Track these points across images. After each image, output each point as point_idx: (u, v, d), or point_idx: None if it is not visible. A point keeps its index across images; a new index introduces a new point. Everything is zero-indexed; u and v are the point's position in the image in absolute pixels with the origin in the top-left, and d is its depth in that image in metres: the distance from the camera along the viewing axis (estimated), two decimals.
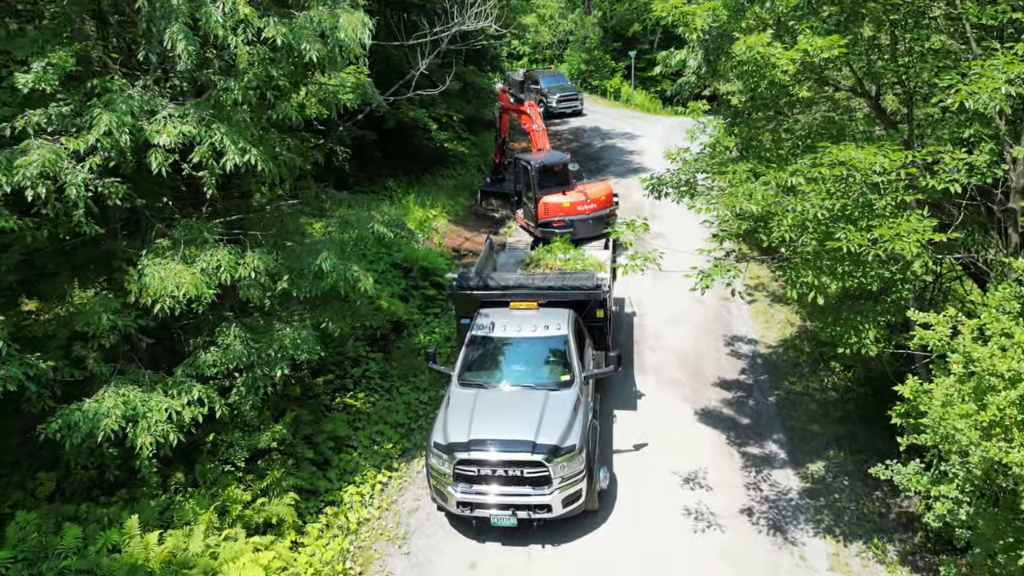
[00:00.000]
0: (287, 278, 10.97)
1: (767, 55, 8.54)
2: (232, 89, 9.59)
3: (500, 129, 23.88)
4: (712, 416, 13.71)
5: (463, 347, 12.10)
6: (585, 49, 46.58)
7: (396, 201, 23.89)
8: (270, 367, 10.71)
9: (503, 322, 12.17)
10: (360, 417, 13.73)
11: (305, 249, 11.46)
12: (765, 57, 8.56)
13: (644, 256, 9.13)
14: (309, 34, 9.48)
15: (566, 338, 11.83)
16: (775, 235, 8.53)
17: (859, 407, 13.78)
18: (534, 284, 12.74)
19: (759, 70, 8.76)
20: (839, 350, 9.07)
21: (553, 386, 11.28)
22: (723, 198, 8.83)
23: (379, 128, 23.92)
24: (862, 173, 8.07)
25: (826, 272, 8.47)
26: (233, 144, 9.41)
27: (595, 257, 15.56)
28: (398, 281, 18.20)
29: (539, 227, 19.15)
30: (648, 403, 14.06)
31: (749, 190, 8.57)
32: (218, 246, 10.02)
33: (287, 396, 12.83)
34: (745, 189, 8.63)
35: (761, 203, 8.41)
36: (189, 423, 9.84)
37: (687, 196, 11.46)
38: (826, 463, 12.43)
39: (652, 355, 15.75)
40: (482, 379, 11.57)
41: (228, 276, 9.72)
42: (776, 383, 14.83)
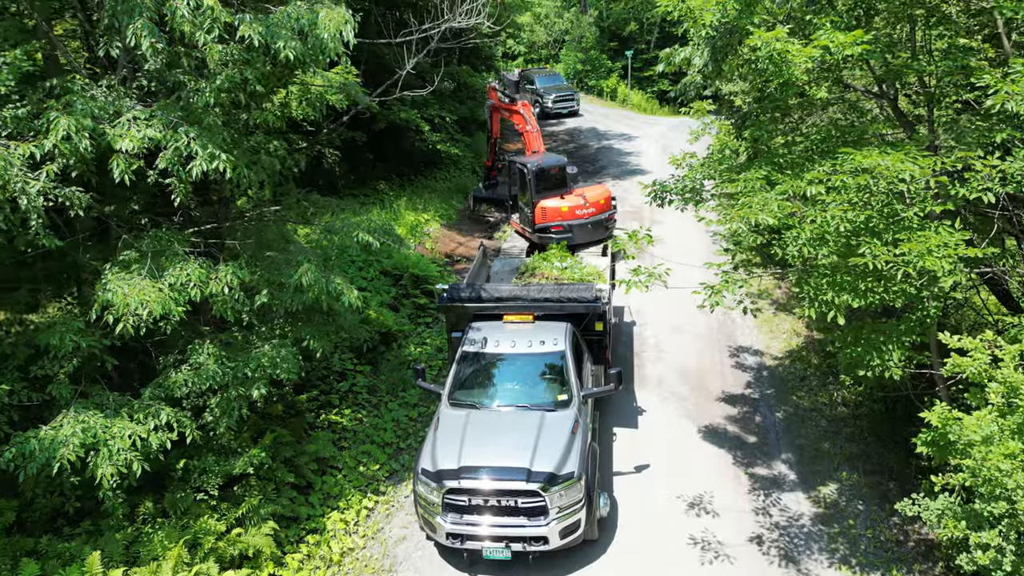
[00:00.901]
0: (266, 292, 10.26)
1: (784, 52, 7.84)
2: (203, 91, 8.89)
3: (491, 128, 23.05)
4: (717, 434, 13.01)
5: (453, 364, 11.37)
6: (581, 49, 45.89)
7: (387, 205, 23.18)
8: (246, 388, 10.00)
9: (496, 337, 11.45)
10: (346, 436, 13.02)
11: (285, 260, 10.76)
12: (782, 54, 7.86)
13: (649, 272, 8.42)
14: (286, 32, 8.77)
15: (563, 354, 11.12)
16: (791, 249, 7.83)
17: (872, 424, 13.10)
18: (529, 296, 12.01)
19: (775, 69, 8.05)
20: (860, 373, 8.38)
21: (549, 406, 10.57)
22: (736, 210, 8.12)
23: (370, 130, 23.23)
24: (888, 181, 7.37)
25: (846, 289, 7.77)
26: (202, 149, 8.69)
27: (593, 266, 14.86)
28: (388, 289, 17.47)
29: (536, 233, 18.45)
30: (650, 420, 13.36)
31: (764, 200, 7.87)
32: (189, 259, 9.30)
33: (267, 415, 12.10)
34: (760, 199, 7.93)
35: (777, 215, 7.70)
36: (157, 450, 9.11)
37: (692, 203, 10.79)
38: (839, 485, 11.73)
39: (653, 368, 15.05)
40: (473, 399, 10.85)
41: (198, 292, 9.01)
42: (783, 398, 14.14)
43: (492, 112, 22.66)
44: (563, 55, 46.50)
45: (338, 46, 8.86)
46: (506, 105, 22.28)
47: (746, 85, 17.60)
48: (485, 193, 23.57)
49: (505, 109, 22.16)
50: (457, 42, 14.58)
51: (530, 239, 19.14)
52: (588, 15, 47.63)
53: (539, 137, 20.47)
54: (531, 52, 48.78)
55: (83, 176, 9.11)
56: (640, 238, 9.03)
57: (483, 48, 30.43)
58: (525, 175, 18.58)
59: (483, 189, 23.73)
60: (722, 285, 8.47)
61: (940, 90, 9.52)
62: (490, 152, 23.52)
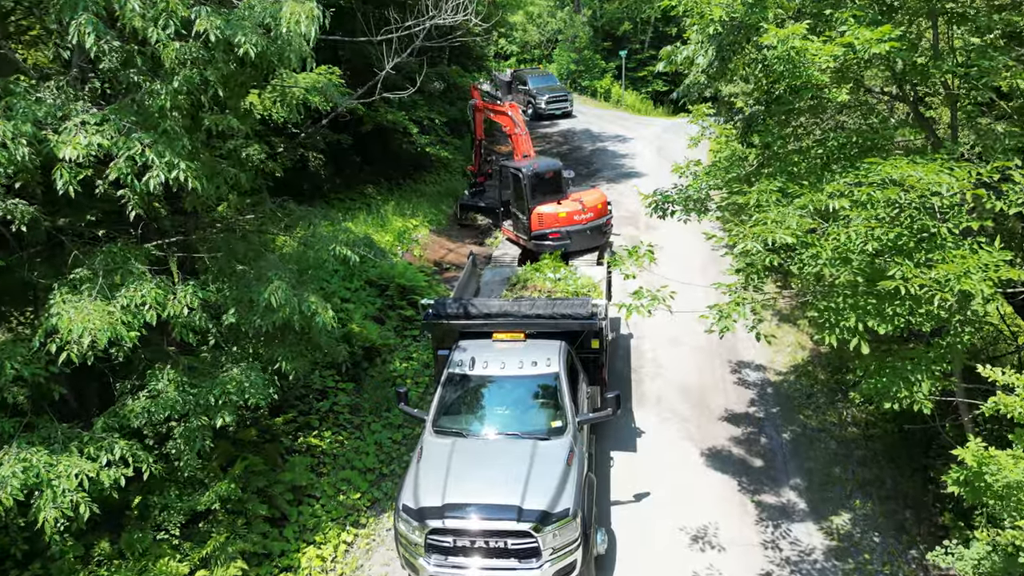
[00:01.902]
0: (233, 311, 9.43)
1: (802, 50, 7.06)
2: (159, 93, 8.05)
3: (474, 130, 22.10)
4: (721, 458, 12.23)
5: (438, 387, 10.54)
6: (574, 49, 45.11)
7: (374, 210, 22.33)
8: (210, 416, 9.17)
9: (484, 357, 10.62)
10: (325, 460, 12.18)
11: (256, 276, 9.91)
12: (800, 53, 7.07)
13: (652, 295, 7.63)
14: (248, 28, 7.94)
15: (557, 376, 10.31)
16: (809, 270, 7.04)
17: (885, 447, 12.34)
18: (520, 312, 11.19)
19: (791, 69, 7.26)
20: (886, 405, 7.60)
21: (542, 434, 9.76)
22: (749, 226, 7.32)
23: (356, 132, 22.40)
24: (919, 194, 6.60)
25: (871, 313, 6.98)
26: (158, 157, 7.86)
27: (588, 277, 14.05)
28: (373, 300, 16.63)
29: (532, 240, 17.69)
30: (649, 443, 12.57)
31: (781, 215, 7.08)
32: (145, 277, 8.46)
33: (239, 441, 11.26)
34: (776, 214, 7.14)
35: (796, 232, 6.91)
36: (109, 487, 8.28)
37: (695, 213, 10.02)
38: (852, 515, 10.96)
39: (652, 384, 14.26)
40: (460, 426, 10.03)
41: (154, 315, 8.17)
42: (789, 417, 13.36)
43: (475, 113, 21.76)
44: (556, 55, 45.75)
45: (302, 45, 8.04)
46: (492, 106, 21.37)
47: (747, 86, 16.85)
48: (472, 200, 22.54)
49: (491, 110, 21.27)
50: (444, 40, 13.74)
51: (525, 247, 18.34)
52: (581, 14, 46.86)
53: (528, 140, 19.67)
54: (524, 52, 48.00)
55: (28, 186, 8.31)
56: (641, 255, 8.23)
57: (474, 48, 29.63)
58: (520, 180, 17.80)
59: (470, 196, 22.70)
60: (731, 307, 7.67)
61: (964, 92, 8.74)
62: (476, 156, 22.59)
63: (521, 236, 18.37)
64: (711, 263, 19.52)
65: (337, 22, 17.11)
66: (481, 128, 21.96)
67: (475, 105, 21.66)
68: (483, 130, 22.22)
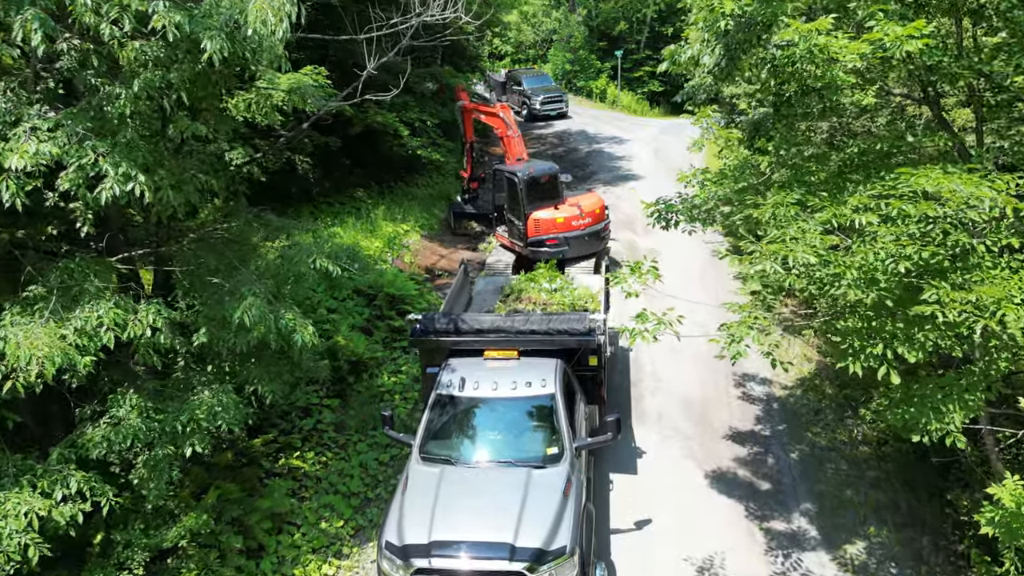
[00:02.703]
0: (204, 330, 8.74)
1: (826, 48, 6.40)
2: (119, 98, 7.36)
3: (464, 133, 21.24)
4: (726, 480, 11.57)
5: (426, 410, 9.86)
6: (570, 49, 44.44)
7: (364, 214, 21.62)
8: (178, 445, 8.48)
9: (475, 377, 9.94)
10: (307, 484, 11.48)
11: (230, 291, 9.20)
12: (824, 50, 6.42)
13: (658, 319, 6.97)
14: (215, 26, 7.24)
15: (553, 398, 9.63)
16: (832, 292, 6.39)
17: (899, 467, 11.69)
18: (514, 328, 10.51)
19: (814, 68, 6.60)
20: (914, 438, 6.95)
21: (537, 462, 9.08)
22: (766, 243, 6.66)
23: (345, 134, 21.70)
24: (955, 208, 5.95)
25: (900, 339, 6.33)
26: (113, 168, 7.17)
27: (586, 287, 13.39)
28: (360, 310, 15.92)
29: (528, 246, 17.02)
30: (650, 464, 11.90)
31: (800, 231, 6.42)
32: (104, 295, 7.77)
33: (213, 466, 10.57)
34: (795, 230, 6.48)
35: (819, 251, 6.25)
36: (65, 524, 7.60)
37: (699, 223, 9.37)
38: (866, 543, 10.31)
39: (652, 400, 13.59)
40: (448, 452, 9.35)
41: (112, 337, 7.48)
42: (797, 435, 12.70)
43: (463, 115, 20.92)
44: (551, 55, 45.09)
45: (274, 45, 7.35)
46: (482, 107, 20.60)
47: (749, 87, 16.21)
48: (467, 208, 21.73)
49: (480, 111, 20.43)
50: (433, 39, 13.05)
51: (521, 254, 17.66)
52: (577, 14, 46.20)
53: (521, 142, 18.98)
54: (518, 52, 47.33)
55: None
56: (644, 272, 7.57)
57: (467, 47, 28.95)
58: (516, 184, 17.13)
59: (464, 203, 21.88)
60: (743, 330, 6.99)
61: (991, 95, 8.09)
62: (467, 160, 21.71)
63: (516, 243, 17.70)
64: (710, 267, 18.93)
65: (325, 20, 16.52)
66: (471, 130, 21.16)
67: (463, 107, 20.88)
68: (473, 132, 21.42)
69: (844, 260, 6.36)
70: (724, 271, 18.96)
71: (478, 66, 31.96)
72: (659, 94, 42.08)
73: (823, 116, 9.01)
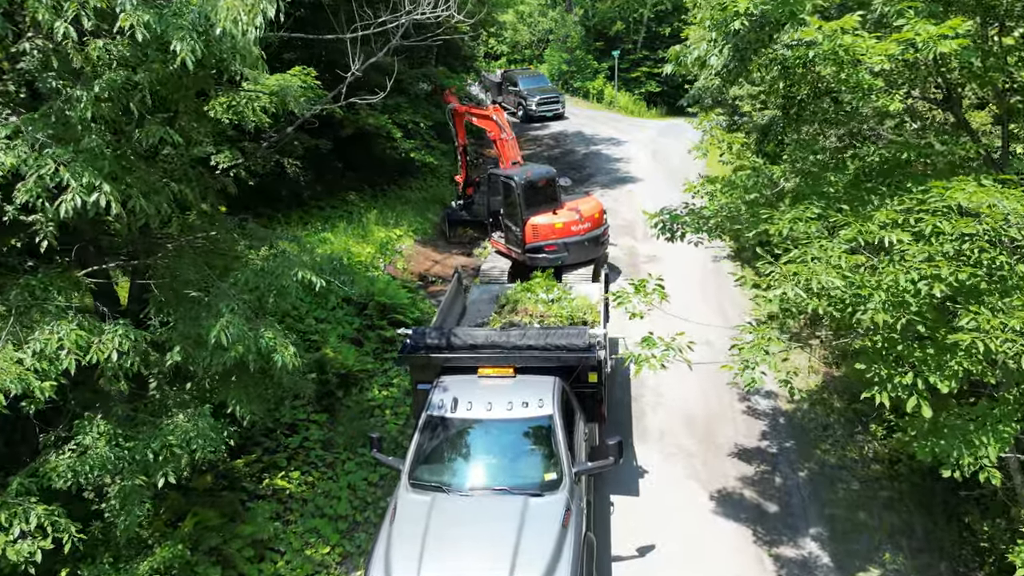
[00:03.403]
0: (178, 349, 8.18)
1: (852, 48, 5.86)
2: (80, 101, 6.79)
3: (456, 135, 20.48)
4: (732, 501, 11.03)
5: (416, 432, 9.29)
6: (566, 49, 43.92)
7: (356, 219, 21.06)
8: (150, 474, 7.91)
9: (468, 397, 9.38)
10: (292, 506, 10.91)
11: (207, 307, 8.62)
12: (850, 51, 5.88)
13: (666, 344, 6.42)
14: (186, 26, 6.68)
15: (551, 419, 9.08)
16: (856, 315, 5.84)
17: (913, 488, 11.16)
18: (509, 343, 9.97)
19: (837, 70, 6.06)
20: (945, 473, 6.41)
21: (534, 489, 8.52)
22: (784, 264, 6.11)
23: (336, 137, 21.14)
24: (993, 225, 5.41)
25: (931, 367, 5.79)
26: (75, 178, 6.60)
27: (584, 296, 12.83)
28: (350, 320, 15.35)
29: (527, 253, 16.48)
30: (652, 484, 11.35)
31: (823, 251, 5.87)
32: (66, 315, 7.20)
33: (191, 491, 9.99)
34: (818, 249, 5.94)
35: (845, 273, 5.70)
36: (24, 562, 7.03)
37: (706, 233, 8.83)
38: (882, 571, 9.79)
39: (654, 416, 13.05)
40: (440, 478, 8.79)
41: (72, 360, 6.91)
42: (805, 452, 12.17)
43: (454, 118, 20.20)
44: (547, 55, 44.56)
45: (248, 46, 6.79)
46: (473, 110, 19.87)
47: (753, 89, 15.68)
48: (461, 214, 21.06)
49: (472, 114, 19.74)
50: (423, 39, 12.50)
51: (518, 260, 17.11)
52: (573, 14, 45.72)
53: (516, 145, 18.42)
54: (514, 52, 46.80)
55: None
56: (650, 291, 7.02)
57: (462, 47, 28.40)
58: (513, 189, 16.60)
59: (458, 209, 21.21)
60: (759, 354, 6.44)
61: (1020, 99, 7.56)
62: (461, 165, 20.99)
63: (514, 249, 17.15)
64: (712, 274, 18.42)
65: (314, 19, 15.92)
66: (464, 133, 20.46)
67: (453, 110, 20.16)
68: (466, 135, 20.73)
69: (870, 280, 5.81)
70: (726, 277, 18.44)
71: (473, 66, 31.45)
72: (657, 95, 41.63)
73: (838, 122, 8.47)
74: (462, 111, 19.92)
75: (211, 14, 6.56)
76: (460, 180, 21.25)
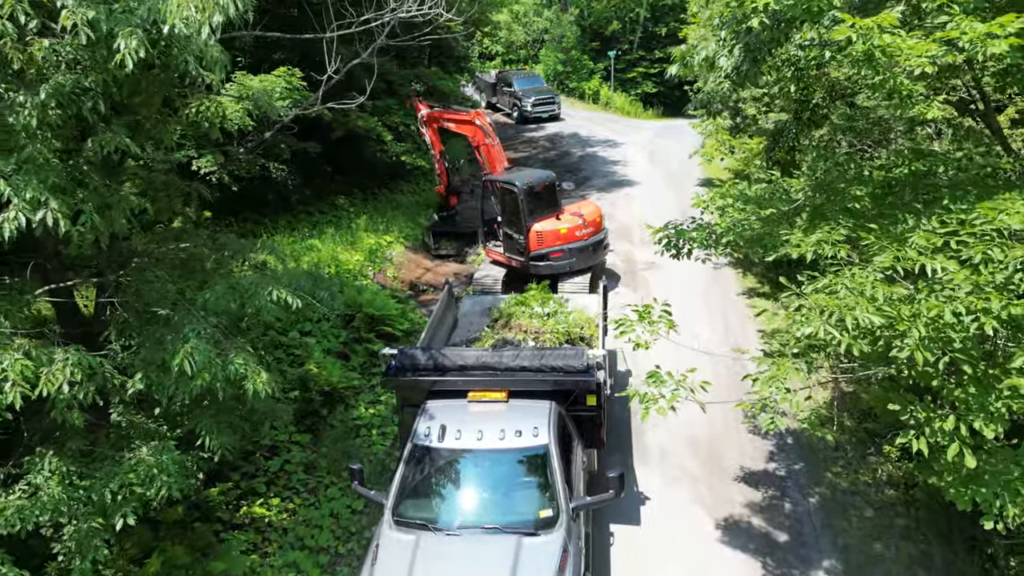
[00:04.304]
0: (141, 375, 7.50)
1: (891, 48, 5.21)
2: (24, 107, 6.12)
3: (431, 143, 19.24)
4: (739, 530, 10.38)
5: (400, 463, 8.62)
6: (562, 49, 43.25)
7: (345, 224, 20.37)
8: (108, 516, 7.23)
9: (457, 424, 8.70)
10: (271, 536, 10.24)
11: (173, 328, 7.93)
12: (887, 51, 5.22)
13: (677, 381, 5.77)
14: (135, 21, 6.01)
15: (546, 449, 8.42)
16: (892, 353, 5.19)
17: (930, 515, 10.53)
18: (502, 365, 9.30)
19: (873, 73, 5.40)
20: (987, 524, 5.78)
21: (528, 528, 7.86)
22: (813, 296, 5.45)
23: (325, 139, 20.44)
24: None
25: (974, 408, 5.15)
26: (17, 192, 5.93)
27: (581, 310, 12.21)
28: (336, 333, 14.67)
29: (531, 261, 15.85)
30: (654, 512, 10.70)
31: (857, 281, 5.21)
32: (9, 344, 6.51)
33: (160, 524, 9.31)
34: (851, 279, 5.29)
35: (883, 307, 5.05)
36: None
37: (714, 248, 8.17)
38: None
39: (655, 435, 12.38)
40: (426, 515, 8.11)
41: (17, 394, 6.22)
42: (815, 475, 11.53)
43: (427, 125, 18.98)
44: (543, 56, 43.91)
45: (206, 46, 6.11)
46: (449, 115, 18.55)
47: (758, 91, 15.06)
48: (446, 226, 19.99)
49: (448, 120, 18.47)
50: (413, 38, 11.82)
51: (519, 269, 16.43)
52: (569, 13, 45.05)
53: (502, 150, 17.67)
54: (509, 52, 46.15)
55: None
56: (656, 319, 6.36)
57: (455, 47, 27.71)
58: (515, 195, 15.91)
59: (443, 221, 20.13)
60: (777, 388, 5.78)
61: None
62: (441, 174, 19.76)
63: (515, 258, 16.44)
64: (714, 283, 17.79)
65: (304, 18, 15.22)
66: (438, 140, 19.21)
67: (424, 117, 18.88)
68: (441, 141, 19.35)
69: (906, 310, 5.16)
70: (728, 285, 17.83)
71: (467, 67, 30.74)
72: (653, 95, 41.04)
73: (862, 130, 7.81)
74: (436, 116, 18.70)
75: (161, 8, 5.87)
76: (441, 191, 20.14)
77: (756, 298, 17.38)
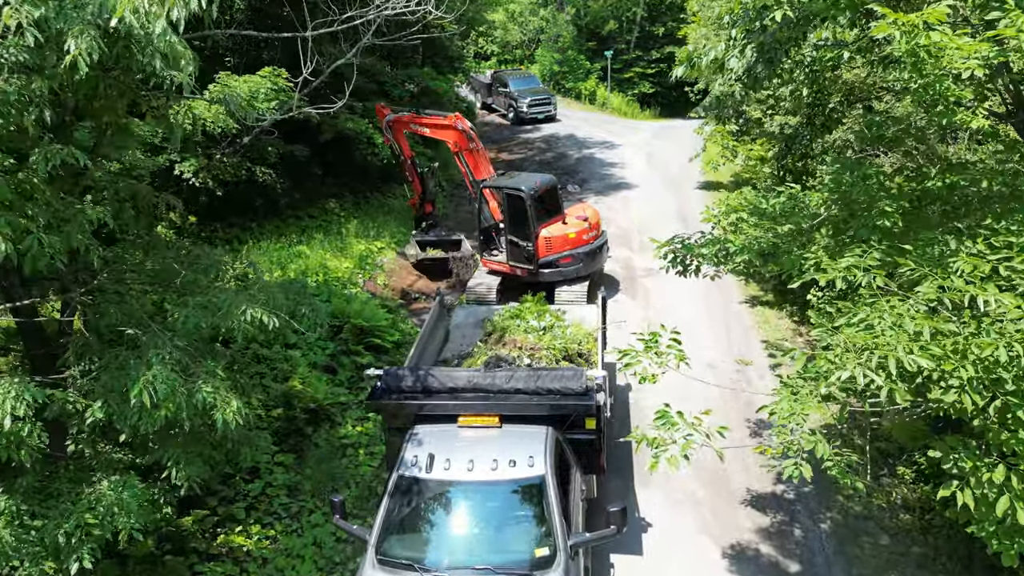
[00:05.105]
0: (100, 404, 6.87)
1: (938, 48, 4.62)
2: None
3: (401, 150, 17.93)
4: (747, 559, 9.79)
5: (385, 495, 7.99)
6: (558, 49, 42.68)
7: (335, 229, 19.75)
8: (62, 559, 6.60)
9: (446, 453, 8.07)
10: (250, 567, 9.61)
11: (136, 353, 7.29)
12: (934, 51, 4.63)
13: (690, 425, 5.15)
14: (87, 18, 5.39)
15: (542, 480, 7.80)
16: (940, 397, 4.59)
17: (949, 542, 9.93)
18: (495, 387, 8.69)
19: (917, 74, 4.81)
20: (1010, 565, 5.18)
21: (523, 569, 7.24)
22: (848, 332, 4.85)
23: (314, 142, 19.82)
24: None
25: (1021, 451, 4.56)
26: None
27: (579, 323, 11.59)
28: (323, 345, 14.04)
29: (540, 268, 15.28)
30: (657, 539, 10.09)
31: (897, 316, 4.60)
32: None
33: (128, 558, 8.68)
34: (890, 312, 4.68)
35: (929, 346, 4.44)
36: None
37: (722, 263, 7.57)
38: None
39: None
40: (412, 554, 7.48)
41: None
42: (826, 498, 10.93)
43: (392, 131, 17.69)
44: (539, 55, 43.32)
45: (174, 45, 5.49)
46: (424, 119, 17.03)
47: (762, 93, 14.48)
48: (430, 235, 18.72)
49: (424, 125, 17.05)
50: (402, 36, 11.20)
51: (524, 277, 15.81)
52: (565, 13, 44.50)
53: (487, 155, 16.99)
54: (504, 52, 45.52)
55: None
56: (663, 350, 5.75)
57: (450, 47, 27.13)
58: (522, 201, 15.30)
59: (423, 232, 18.81)
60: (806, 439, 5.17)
61: None
62: (414, 180, 18.37)
63: (520, 266, 15.80)
64: (715, 289, 17.16)
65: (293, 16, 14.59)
66: (407, 145, 18.03)
67: (391, 122, 17.47)
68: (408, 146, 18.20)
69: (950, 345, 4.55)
70: (730, 293, 17.25)
71: (462, 67, 30.15)
72: (650, 96, 40.49)
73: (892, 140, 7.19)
74: (405, 120, 17.29)
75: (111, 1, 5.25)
76: (414, 204, 18.96)
77: (760, 307, 16.82)
